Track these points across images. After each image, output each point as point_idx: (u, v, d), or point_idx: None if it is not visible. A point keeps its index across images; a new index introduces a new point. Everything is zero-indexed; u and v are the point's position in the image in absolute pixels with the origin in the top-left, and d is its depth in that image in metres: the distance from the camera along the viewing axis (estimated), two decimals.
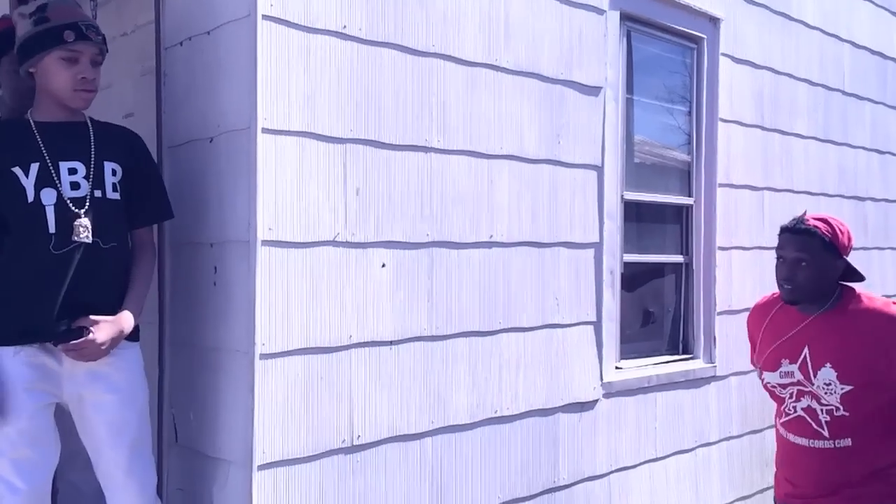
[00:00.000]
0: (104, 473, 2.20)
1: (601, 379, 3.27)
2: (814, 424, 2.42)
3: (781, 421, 2.53)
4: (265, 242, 2.27)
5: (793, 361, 2.45)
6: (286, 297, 2.31)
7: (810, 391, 2.41)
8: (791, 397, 2.47)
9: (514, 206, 2.93)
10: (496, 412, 2.87)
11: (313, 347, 2.37)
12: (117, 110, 2.84)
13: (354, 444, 2.47)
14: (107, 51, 2.29)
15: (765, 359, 2.54)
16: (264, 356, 2.26)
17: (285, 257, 2.31)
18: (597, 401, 3.25)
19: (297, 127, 2.34)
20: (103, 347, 2.08)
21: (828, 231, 2.40)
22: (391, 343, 2.56)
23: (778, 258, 2.45)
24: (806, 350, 2.43)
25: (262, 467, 2.26)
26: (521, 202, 2.95)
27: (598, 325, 3.26)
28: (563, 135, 3.11)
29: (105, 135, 2.22)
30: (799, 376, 2.42)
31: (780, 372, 2.47)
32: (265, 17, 2.26)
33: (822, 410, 2.40)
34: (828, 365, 2.37)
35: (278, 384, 2.30)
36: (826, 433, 2.40)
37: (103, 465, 2.20)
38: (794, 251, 2.39)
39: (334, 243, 2.42)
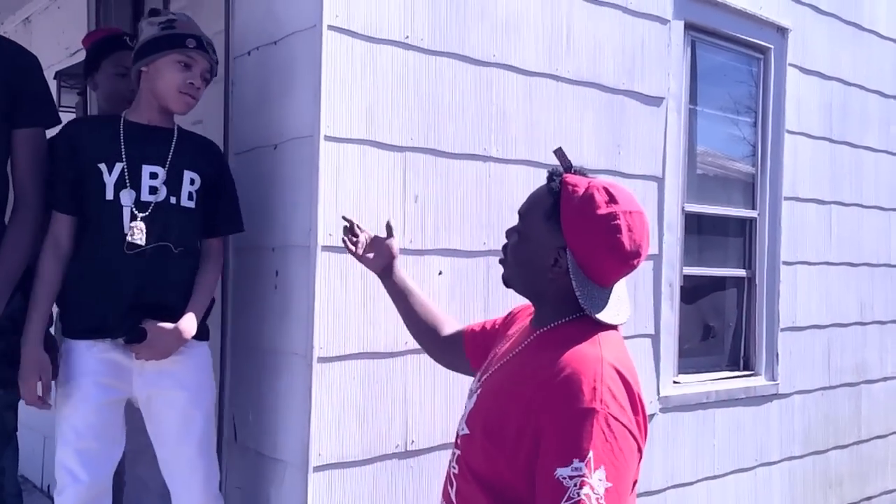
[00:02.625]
0: (170, 469, 2.27)
1: (658, 393, 3.22)
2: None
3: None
4: (325, 248, 2.31)
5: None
6: (344, 302, 2.35)
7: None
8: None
9: None
10: None
11: (370, 352, 2.40)
12: (187, 118, 2.91)
13: (408, 449, 2.49)
14: (216, 73, 2.37)
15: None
16: (322, 360, 2.30)
17: (344, 263, 2.35)
18: (653, 415, 3.20)
19: (359, 135, 2.38)
20: (163, 349, 2.15)
21: (574, 192, 1.49)
22: None
23: (516, 226, 1.66)
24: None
25: (317, 469, 2.29)
26: None
27: (655, 339, 3.21)
28: (624, 145, 3.09)
29: (189, 144, 2.30)
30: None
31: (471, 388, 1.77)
32: (330, 27, 2.31)
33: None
34: None
35: (335, 388, 2.33)
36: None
37: (169, 461, 2.26)
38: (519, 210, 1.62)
39: None
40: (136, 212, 2.15)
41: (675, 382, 3.32)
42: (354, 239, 2.17)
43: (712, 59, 3.60)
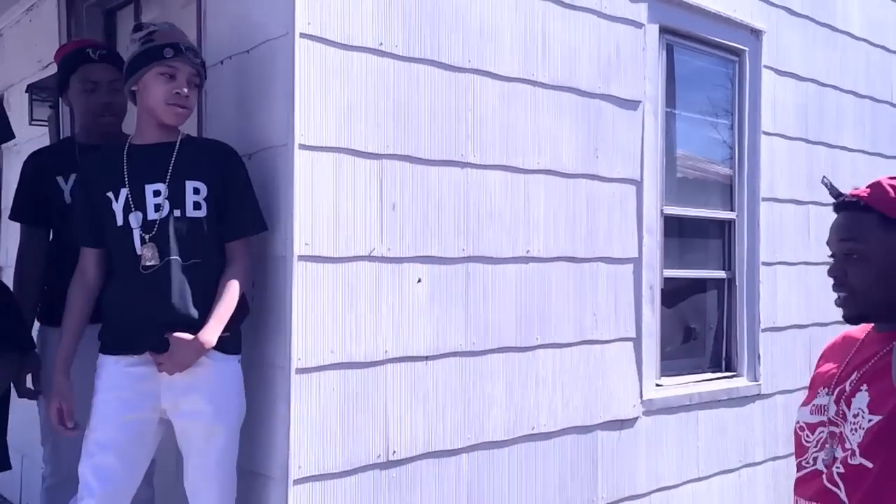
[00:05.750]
0: (189, 480, 2.25)
1: (641, 396, 3.21)
2: (826, 481, 1.52)
3: (796, 478, 1.63)
4: (302, 258, 2.29)
5: (832, 390, 1.57)
6: (322, 313, 2.33)
7: (840, 432, 1.52)
8: (815, 445, 1.58)
9: (550, 221, 2.91)
10: (533, 429, 2.84)
11: (349, 362, 2.38)
12: None
13: (390, 459, 2.46)
14: (206, 76, 2.34)
15: (808, 392, 1.69)
16: (300, 371, 2.28)
17: (321, 272, 2.33)
18: (637, 418, 3.20)
19: (334, 143, 2.36)
20: (183, 361, 2.14)
21: (886, 198, 1.55)
22: (427, 358, 2.56)
23: (831, 254, 1.66)
24: (855, 374, 1.55)
25: (298, 482, 2.27)
26: (557, 217, 2.94)
27: (637, 342, 3.21)
28: (601, 149, 3.09)
29: (193, 152, 2.28)
30: (833, 410, 1.55)
31: (813, 406, 1.61)
32: (303, 35, 2.30)
33: (838, 462, 1.50)
34: (864, 387, 1.51)
35: (314, 399, 2.31)
36: (842, 495, 1.49)
37: (190, 472, 2.25)
38: (838, 240, 1.61)
39: (370, 258, 2.43)
40: (143, 234, 2.18)
41: (657, 385, 3.31)
42: None
43: (688, 63, 3.61)
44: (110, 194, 2.22)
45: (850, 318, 1.60)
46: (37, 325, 2.72)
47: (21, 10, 4.08)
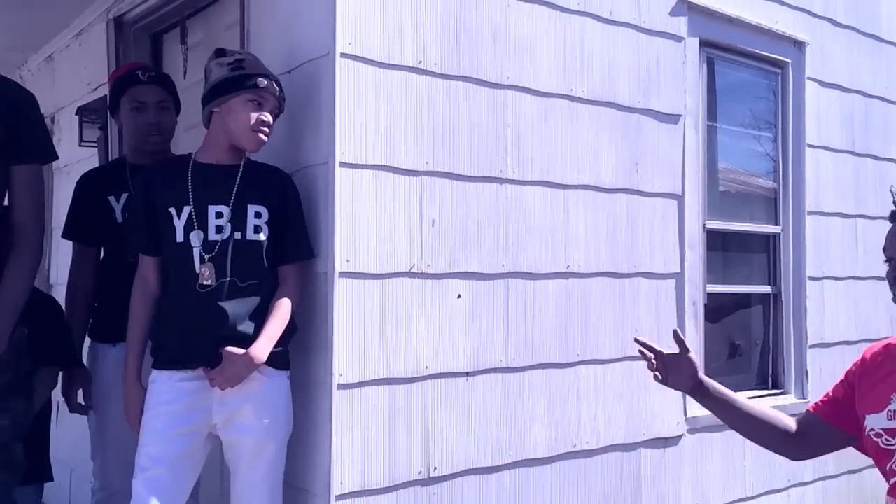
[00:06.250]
0: (237, 493, 2.28)
1: (685, 414, 3.16)
2: None
3: (889, 487, 1.77)
4: (343, 274, 2.31)
5: None
6: (363, 328, 2.34)
7: None
8: None
9: (591, 236, 2.89)
10: (575, 446, 2.82)
11: (390, 378, 2.39)
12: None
13: (431, 475, 2.46)
14: (283, 109, 2.40)
15: (868, 401, 1.83)
16: (342, 386, 2.29)
17: (362, 288, 2.34)
18: (681, 436, 3.15)
19: (375, 160, 2.39)
20: (234, 375, 2.18)
21: None
22: (467, 374, 2.55)
23: (887, 259, 1.83)
24: None
25: (339, 497, 2.27)
26: (598, 232, 2.92)
27: None
28: (641, 163, 3.07)
29: (255, 177, 2.34)
30: None
31: (889, 412, 1.76)
32: (343, 55, 2.33)
33: None
34: None
35: (356, 414, 2.32)
36: None
37: (237, 486, 2.28)
38: None
39: (410, 274, 2.44)
40: (203, 253, 2.23)
41: None
42: (653, 362, 1.95)
43: (730, 75, 3.58)
44: (172, 210, 2.26)
45: None
46: (88, 341, 2.78)
47: (71, 34, 4.21)
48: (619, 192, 2.99)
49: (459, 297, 2.55)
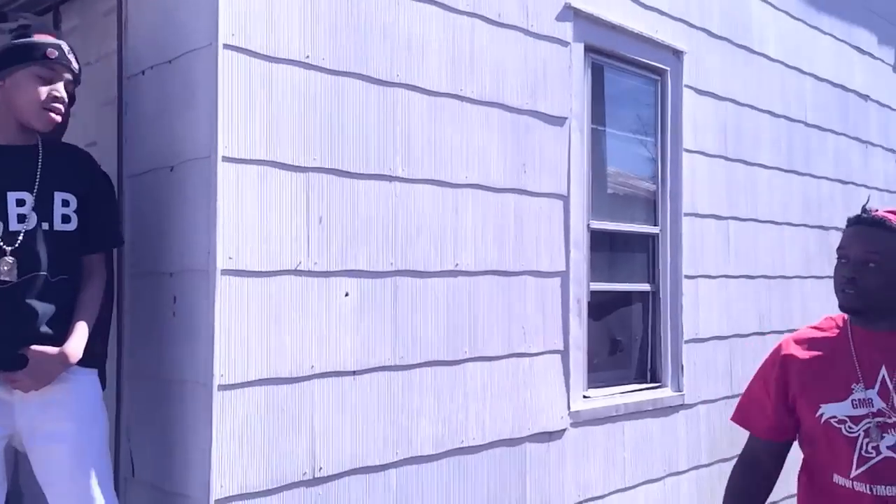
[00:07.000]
0: None
1: (569, 408, 3.25)
2: None
3: (855, 472, 1.89)
4: (225, 272, 2.24)
5: (869, 385, 1.89)
6: (246, 327, 2.28)
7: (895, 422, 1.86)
8: (866, 436, 1.88)
9: (479, 235, 2.93)
10: (462, 442, 2.85)
11: (274, 378, 2.34)
12: (80, 140, 2.79)
13: (316, 476, 2.43)
14: (79, 82, 2.25)
15: (818, 390, 1.95)
16: (223, 387, 2.23)
17: (245, 287, 2.28)
18: (564, 430, 3.24)
19: (259, 156, 2.33)
20: (44, 376, 2.02)
21: None
22: (354, 373, 2.54)
23: (840, 257, 1.98)
24: (883, 371, 1.89)
25: (219, 501, 2.21)
26: (486, 231, 2.96)
27: (565, 354, 3.25)
28: (529, 164, 3.13)
29: (57, 160, 2.16)
30: (880, 404, 1.87)
31: (853, 400, 1.90)
32: (226, 46, 2.27)
33: None
34: None
35: (237, 416, 2.26)
36: None
37: (62, 502, 2.10)
38: (862, 249, 1.92)
39: (296, 272, 2.40)
40: (4, 245, 2.02)
41: (584, 397, 3.36)
42: None
43: (614, 81, 3.70)
44: None
45: (849, 310, 1.95)
46: None
47: None
48: (507, 192, 3.05)
49: (347, 295, 2.53)
